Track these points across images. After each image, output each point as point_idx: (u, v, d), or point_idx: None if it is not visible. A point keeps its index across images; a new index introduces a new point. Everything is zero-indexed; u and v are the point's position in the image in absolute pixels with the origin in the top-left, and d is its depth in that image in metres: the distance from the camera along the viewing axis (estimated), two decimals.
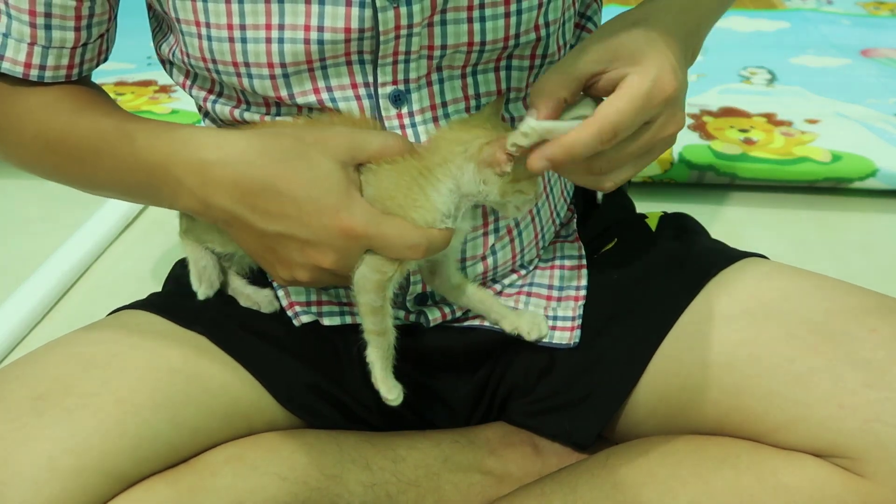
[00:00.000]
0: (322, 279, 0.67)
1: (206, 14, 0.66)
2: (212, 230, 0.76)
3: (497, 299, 0.78)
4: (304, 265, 0.65)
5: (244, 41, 0.66)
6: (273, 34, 0.65)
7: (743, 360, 0.70)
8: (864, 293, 0.72)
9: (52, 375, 0.68)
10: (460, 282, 0.76)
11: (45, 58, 0.70)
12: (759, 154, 1.39)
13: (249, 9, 0.65)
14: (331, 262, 0.65)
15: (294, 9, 0.65)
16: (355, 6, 0.64)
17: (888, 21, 2.06)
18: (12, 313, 1.11)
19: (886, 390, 0.63)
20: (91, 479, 0.63)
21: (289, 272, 0.67)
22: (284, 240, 0.65)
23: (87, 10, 0.70)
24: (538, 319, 0.77)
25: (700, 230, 0.89)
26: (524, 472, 0.80)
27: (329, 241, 0.64)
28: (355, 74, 0.68)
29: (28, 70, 0.70)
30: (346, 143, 0.65)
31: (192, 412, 0.70)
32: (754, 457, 0.67)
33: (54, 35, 0.69)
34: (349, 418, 0.80)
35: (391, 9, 0.64)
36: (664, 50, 0.62)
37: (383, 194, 0.66)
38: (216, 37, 0.67)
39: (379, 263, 0.66)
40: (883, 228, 1.32)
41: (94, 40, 0.72)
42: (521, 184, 0.66)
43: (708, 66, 1.73)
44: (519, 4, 0.68)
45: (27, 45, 0.69)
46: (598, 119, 0.60)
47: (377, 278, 0.66)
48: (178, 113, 1.54)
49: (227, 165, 0.64)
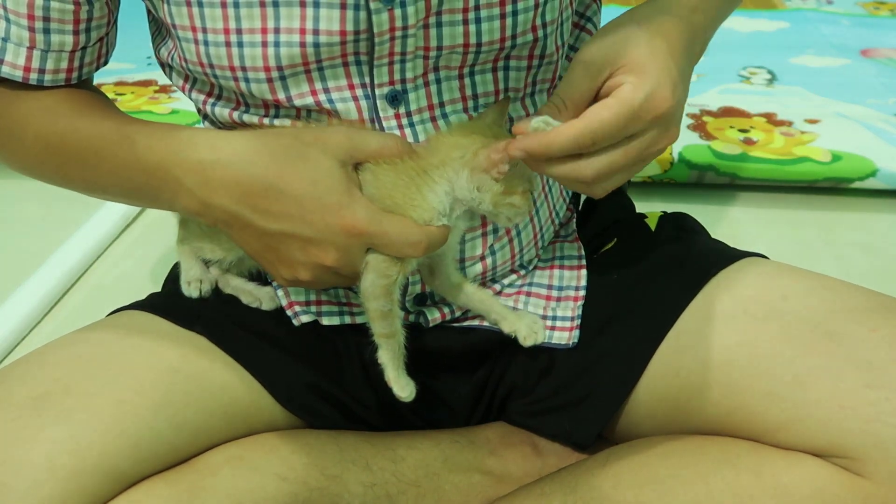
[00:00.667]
0: (324, 279, 0.67)
1: (202, 19, 0.67)
2: (205, 238, 0.76)
3: (497, 300, 0.78)
4: (306, 264, 0.65)
5: (240, 45, 0.66)
6: (269, 38, 0.66)
7: (743, 359, 0.70)
8: (864, 293, 0.72)
9: (51, 376, 0.68)
10: (460, 281, 0.76)
11: (45, 61, 0.70)
12: (759, 154, 1.39)
13: (245, 13, 0.65)
14: (333, 259, 0.65)
15: (289, 12, 0.65)
16: (350, 9, 0.64)
17: (888, 21, 2.06)
18: (12, 313, 1.11)
19: (886, 390, 0.63)
20: (90, 480, 0.63)
21: (291, 271, 0.67)
22: (286, 238, 0.65)
23: (86, 13, 0.70)
24: (537, 326, 0.77)
25: (700, 230, 0.89)
26: (524, 472, 0.80)
27: (331, 238, 0.64)
28: (352, 76, 0.68)
29: (27, 74, 0.70)
30: (345, 142, 0.66)
31: (191, 412, 0.70)
32: (754, 457, 0.67)
33: (53, 39, 0.69)
34: (349, 418, 0.80)
35: (385, 11, 0.64)
36: (667, 61, 0.62)
37: (382, 193, 0.66)
38: (213, 41, 0.67)
39: (384, 267, 0.66)
40: (883, 228, 1.32)
41: (94, 44, 0.72)
42: (513, 197, 0.67)
43: (708, 66, 1.73)
44: (515, 5, 0.68)
45: (26, 49, 0.69)
46: (579, 124, 0.60)
47: (384, 283, 0.66)
48: (178, 113, 1.54)
49: (228, 165, 0.64)
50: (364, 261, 0.66)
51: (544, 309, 0.80)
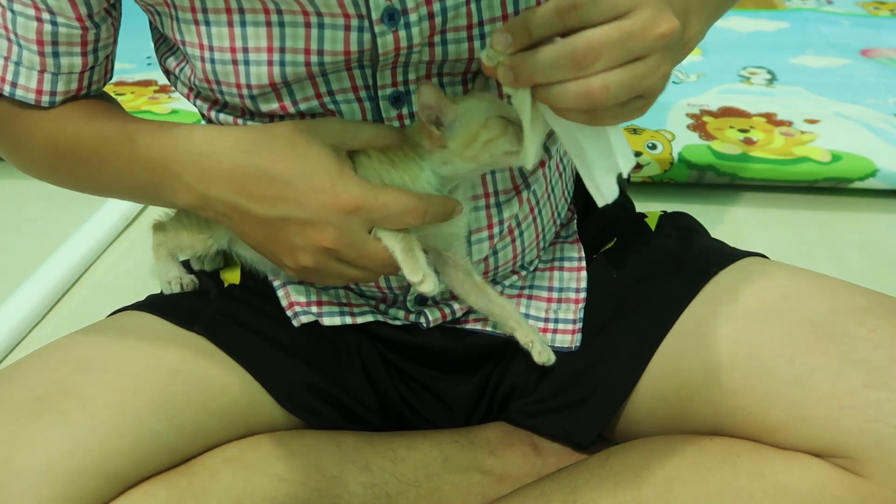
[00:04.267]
0: (328, 266, 0.66)
1: (210, 38, 0.67)
2: (183, 232, 0.79)
3: (516, 309, 0.77)
4: (306, 248, 0.65)
5: (247, 63, 0.67)
6: (274, 57, 0.66)
7: (743, 359, 0.70)
8: (864, 293, 0.72)
9: (50, 378, 0.68)
10: (482, 283, 0.75)
11: (55, 84, 0.71)
12: (759, 154, 1.39)
13: (251, 32, 0.66)
14: (332, 240, 0.64)
15: (294, 32, 0.65)
16: (354, 30, 0.64)
17: (888, 21, 2.06)
18: (12, 313, 1.11)
19: (886, 390, 0.63)
20: (89, 482, 0.63)
21: (293, 258, 0.66)
22: (284, 223, 0.64)
23: (93, 35, 0.71)
24: (547, 345, 0.77)
25: (700, 229, 0.89)
26: (524, 472, 0.80)
27: (328, 217, 0.63)
28: (355, 78, 0.69)
29: (39, 97, 0.71)
30: (338, 129, 0.66)
31: (191, 413, 0.70)
32: (754, 457, 0.67)
33: (62, 62, 0.70)
34: (349, 418, 0.80)
35: (390, 33, 0.64)
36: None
37: (381, 176, 0.66)
38: (219, 59, 0.67)
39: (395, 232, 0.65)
40: (883, 228, 1.32)
41: (101, 62, 0.74)
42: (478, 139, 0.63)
43: (708, 66, 1.73)
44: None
45: (37, 73, 0.70)
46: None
47: (402, 245, 0.65)
48: (178, 113, 1.54)
49: (223, 156, 0.64)
50: (375, 237, 0.65)
51: (545, 311, 0.80)
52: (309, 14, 0.63)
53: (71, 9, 0.68)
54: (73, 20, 0.68)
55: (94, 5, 0.69)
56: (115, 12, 0.72)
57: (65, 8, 0.68)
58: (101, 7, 0.69)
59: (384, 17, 0.63)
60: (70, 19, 0.68)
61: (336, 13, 0.63)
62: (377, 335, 0.81)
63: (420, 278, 0.64)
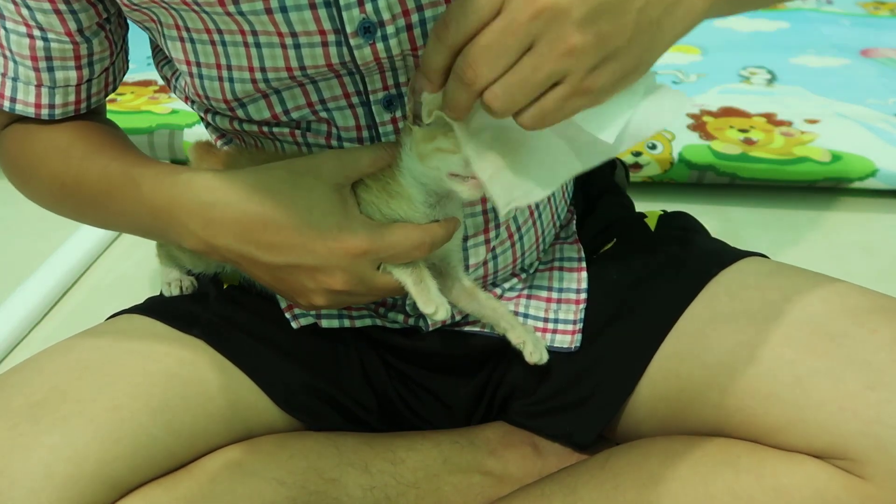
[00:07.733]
0: (340, 300, 0.67)
1: (196, 54, 0.67)
2: (183, 251, 0.79)
3: (508, 310, 0.77)
4: (317, 290, 0.66)
5: (231, 80, 0.67)
6: (257, 75, 0.66)
7: (743, 360, 0.70)
8: (865, 293, 0.72)
9: (48, 383, 0.68)
10: (472, 287, 0.75)
11: (53, 97, 0.72)
12: (759, 154, 1.39)
13: (232, 51, 0.66)
14: (342, 283, 0.65)
15: (272, 53, 0.65)
16: (331, 45, 0.64)
17: (888, 21, 2.06)
18: (11, 314, 1.11)
19: (887, 392, 0.63)
20: (88, 487, 0.63)
21: (306, 299, 0.67)
22: (294, 270, 0.65)
23: (86, 50, 0.71)
24: (542, 345, 0.77)
25: (700, 229, 0.89)
26: (524, 472, 0.80)
27: (336, 262, 0.64)
28: (346, 85, 0.68)
29: (39, 110, 0.72)
30: (338, 165, 0.65)
31: (189, 417, 0.70)
32: (754, 458, 0.67)
33: (57, 75, 0.71)
34: (348, 420, 0.80)
35: (367, 46, 0.64)
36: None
37: (374, 208, 0.66)
38: (207, 75, 0.68)
39: (403, 267, 0.66)
40: (883, 228, 1.32)
41: (98, 75, 0.74)
42: (432, 144, 0.61)
43: (708, 66, 1.73)
44: None
45: (34, 87, 0.71)
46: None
47: (412, 278, 0.66)
48: (177, 113, 1.54)
49: (226, 205, 0.64)
50: (384, 272, 0.66)
51: (545, 311, 0.80)
52: (283, 35, 0.63)
53: (60, 25, 0.68)
54: (63, 35, 0.69)
55: (84, 20, 0.69)
56: (110, 26, 0.72)
57: (54, 24, 0.68)
58: (92, 22, 0.70)
59: (360, 31, 0.63)
60: (60, 35, 0.69)
61: (311, 31, 0.63)
62: (376, 339, 0.80)
63: (433, 309, 0.66)
